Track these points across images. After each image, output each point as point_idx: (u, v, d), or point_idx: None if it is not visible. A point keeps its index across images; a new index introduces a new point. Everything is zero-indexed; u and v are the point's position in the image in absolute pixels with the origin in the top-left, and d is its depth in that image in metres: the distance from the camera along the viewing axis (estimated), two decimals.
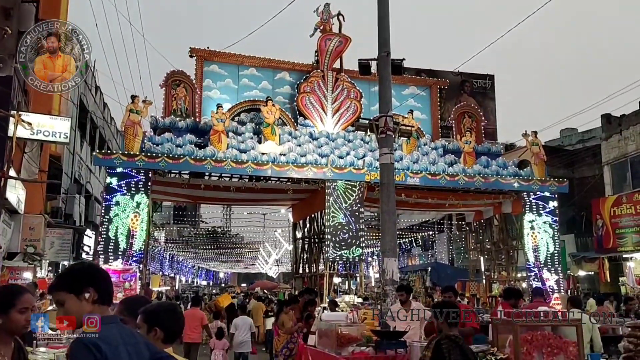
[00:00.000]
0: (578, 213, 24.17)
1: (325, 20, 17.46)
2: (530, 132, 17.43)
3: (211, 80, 17.01)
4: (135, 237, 13.51)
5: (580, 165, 25.19)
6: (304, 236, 20.25)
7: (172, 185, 15.93)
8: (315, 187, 16.32)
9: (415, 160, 16.39)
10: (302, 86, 17.14)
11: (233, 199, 18.90)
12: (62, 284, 2.57)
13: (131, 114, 13.86)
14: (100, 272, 2.67)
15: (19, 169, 12.07)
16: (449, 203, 17.77)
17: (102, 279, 2.61)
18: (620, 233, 20.57)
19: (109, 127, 26.01)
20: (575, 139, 33.43)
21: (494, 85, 31.28)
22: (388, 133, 10.23)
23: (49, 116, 11.97)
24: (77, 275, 2.58)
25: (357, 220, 15.49)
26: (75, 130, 18.26)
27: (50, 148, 15.59)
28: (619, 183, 21.85)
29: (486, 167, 16.97)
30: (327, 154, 15.65)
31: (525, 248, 16.98)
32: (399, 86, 18.51)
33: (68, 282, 2.55)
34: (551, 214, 17.02)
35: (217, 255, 46.04)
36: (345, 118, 17.21)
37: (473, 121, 18.42)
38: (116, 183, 13.63)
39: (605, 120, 22.82)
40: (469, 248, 22.74)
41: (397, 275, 9.80)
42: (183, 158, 14.07)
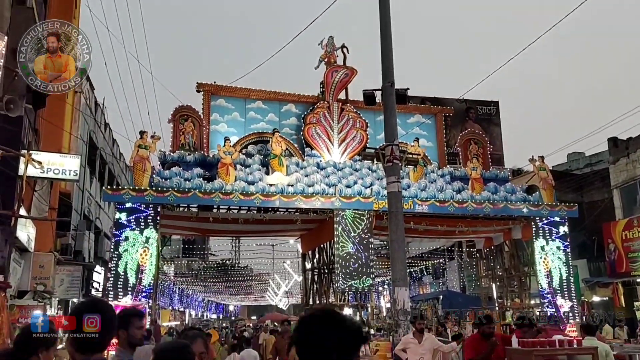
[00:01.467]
0: (589, 237, 23.92)
1: (329, 52, 17.74)
2: (537, 157, 17.42)
3: (218, 114, 17.23)
4: (144, 272, 13.51)
5: (589, 189, 25.04)
6: (313, 267, 20.14)
7: (181, 219, 15.99)
8: (324, 217, 16.32)
9: (423, 188, 16.38)
10: (308, 117, 17.30)
11: (242, 231, 18.92)
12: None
13: (140, 149, 14.02)
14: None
15: (29, 207, 12.16)
16: (458, 230, 17.69)
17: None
18: (632, 257, 20.29)
19: (118, 163, 26.25)
20: (583, 162, 33.32)
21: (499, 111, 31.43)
22: (395, 161, 10.29)
23: (59, 154, 12.09)
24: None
25: (366, 249, 15.41)
26: (85, 167, 18.45)
27: (60, 185, 15.72)
28: (629, 206, 21.66)
29: (494, 193, 16.93)
30: (335, 183, 15.69)
31: (537, 274, 16.78)
32: (404, 115, 18.65)
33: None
34: (562, 239, 16.86)
35: (227, 288, 45.77)
36: (352, 147, 17.31)
37: (479, 147, 18.46)
38: (125, 218, 13.70)
39: (612, 143, 22.78)
40: (480, 275, 22.49)
41: (408, 305, 9.72)
42: (191, 191, 14.15)
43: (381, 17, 10.75)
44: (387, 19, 10.74)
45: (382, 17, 10.75)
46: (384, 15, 10.75)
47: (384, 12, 10.76)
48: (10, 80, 9.02)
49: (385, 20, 10.73)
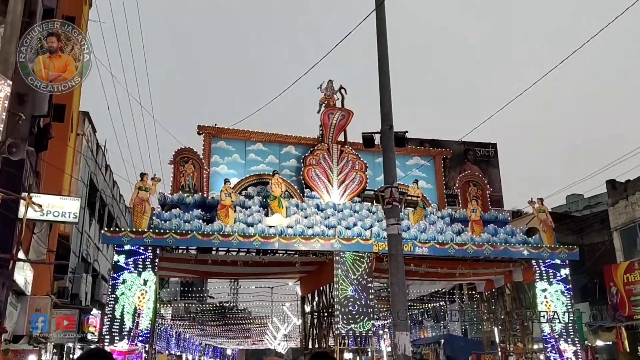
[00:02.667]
0: (591, 280, 23.72)
1: (329, 95, 18.00)
2: (537, 199, 17.47)
3: (219, 156, 17.35)
4: (141, 316, 13.33)
5: (589, 231, 24.98)
6: (312, 310, 19.87)
7: (180, 261, 15.89)
8: (323, 259, 16.22)
9: (423, 230, 16.35)
10: (307, 159, 17.42)
11: (240, 273, 18.74)
12: None
13: (140, 191, 14.07)
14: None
15: (28, 249, 12.11)
16: (458, 272, 17.57)
17: None
18: (635, 300, 20.06)
19: (118, 205, 26.26)
20: (582, 204, 33.34)
21: (497, 153, 31.69)
22: (394, 204, 10.30)
23: (59, 197, 12.15)
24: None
25: (366, 292, 15.26)
26: (85, 209, 18.45)
27: (59, 227, 15.71)
28: (630, 249, 21.56)
29: (494, 235, 16.89)
30: (334, 225, 15.66)
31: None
32: (403, 157, 18.78)
33: None
34: (564, 282, 16.73)
35: (225, 331, 44.97)
36: (351, 189, 17.36)
37: (478, 189, 18.52)
38: (124, 261, 13.62)
39: (610, 186, 22.86)
40: (482, 318, 22.17)
41: (409, 349, 9.56)
42: (191, 233, 14.12)
43: (380, 63, 10.97)
44: (385, 64, 10.95)
45: (380, 63, 10.97)
46: (382, 61, 10.97)
47: (382, 58, 10.98)
48: (14, 124, 9.12)
49: (384, 66, 10.94)
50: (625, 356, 20.63)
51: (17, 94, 9.72)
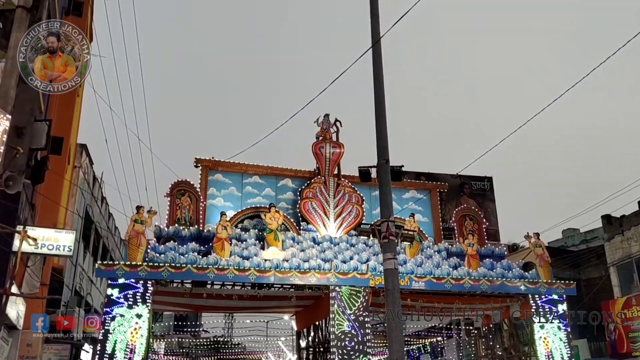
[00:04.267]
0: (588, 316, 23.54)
1: (325, 129, 18.16)
2: (533, 233, 17.47)
3: (215, 189, 17.36)
4: (134, 352, 13.11)
5: (586, 266, 24.92)
6: (308, 345, 19.61)
7: (174, 295, 15.72)
8: (319, 294, 16.09)
9: (420, 264, 16.28)
10: (304, 192, 17.45)
11: (235, 307, 18.55)
12: None
13: (135, 224, 14.01)
14: None
15: (21, 283, 11.98)
16: (455, 307, 17.43)
17: None
18: (633, 337, 19.90)
19: (113, 237, 26.11)
20: (578, 239, 33.34)
21: (492, 186, 31.86)
22: (391, 238, 10.30)
23: (54, 229, 12.06)
24: None
25: (362, 327, 15.08)
26: (79, 241, 18.34)
27: (53, 261, 15.56)
28: (627, 284, 21.49)
29: (491, 269, 16.83)
30: (331, 258, 15.59)
31: (538, 354, 16.36)
32: (399, 190, 18.85)
33: None
34: (561, 318, 16.60)
35: None
36: (348, 222, 17.34)
37: (474, 223, 18.52)
38: (117, 295, 13.46)
39: (606, 221, 22.91)
40: (480, 355, 21.88)
41: None
42: (186, 267, 14.00)
43: (376, 98, 11.12)
44: (381, 99, 11.10)
45: (376, 98, 11.11)
46: (378, 96, 11.12)
47: (379, 93, 11.14)
48: (11, 157, 9.16)
49: (380, 101, 11.08)
50: None
51: (16, 127, 9.79)
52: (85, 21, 16.52)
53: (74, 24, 10.16)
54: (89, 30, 16.72)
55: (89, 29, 16.73)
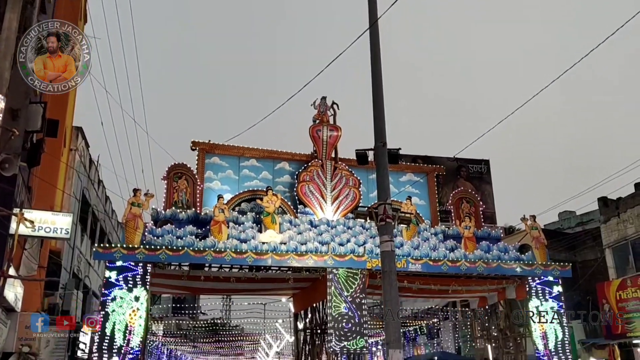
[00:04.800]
0: (584, 297, 23.73)
1: (322, 112, 18.09)
2: (529, 216, 17.54)
3: (212, 172, 17.34)
4: (132, 333, 13.21)
5: (582, 248, 25.05)
6: (305, 327, 19.77)
7: (172, 277, 15.80)
8: (316, 276, 16.18)
9: (416, 247, 16.36)
10: (301, 175, 17.45)
11: (233, 290, 18.66)
12: None
13: (132, 207, 14.02)
14: None
15: (18, 265, 11.99)
16: (452, 289, 17.56)
17: None
18: (628, 318, 20.07)
19: (110, 220, 26.10)
20: (574, 222, 33.48)
21: (489, 169, 31.88)
22: (387, 220, 10.32)
23: (51, 212, 12.04)
24: None
25: (359, 309, 15.20)
26: (77, 224, 18.33)
27: (51, 243, 15.55)
28: (622, 266, 21.62)
29: (487, 252, 16.92)
30: (328, 241, 15.65)
31: (533, 335, 16.54)
32: (396, 173, 18.86)
33: None
34: (557, 299, 16.75)
35: (217, 348, 44.56)
36: (345, 205, 17.37)
37: (471, 206, 18.56)
38: (115, 277, 13.53)
39: (602, 203, 22.97)
40: (475, 336, 22.12)
41: None
42: (183, 250, 14.06)
43: (373, 80, 11.06)
44: (378, 81, 11.05)
45: (374, 80, 11.06)
46: (375, 78, 11.06)
47: (376, 75, 11.08)
48: (7, 139, 9.10)
49: (377, 83, 11.03)
50: None
51: (11, 109, 9.72)
52: (80, 2, 16.31)
53: (68, 5, 10.06)
54: (83, 11, 16.52)
55: (83, 10, 16.52)
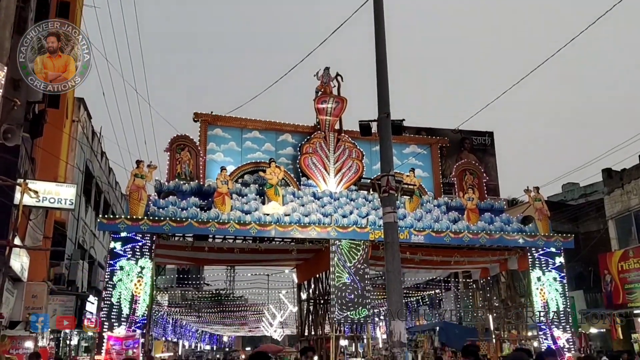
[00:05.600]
0: (585, 268, 23.87)
1: (325, 83, 17.91)
2: (533, 187, 17.51)
3: (215, 144, 17.30)
4: (138, 303, 13.38)
5: (585, 219, 25.08)
6: (309, 297, 19.97)
7: (176, 248, 15.91)
8: (320, 247, 16.27)
9: (419, 218, 16.38)
10: (304, 147, 17.38)
11: (237, 260, 18.81)
12: None
13: (136, 178, 14.03)
14: None
15: (24, 236, 12.10)
16: (454, 260, 17.63)
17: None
18: (629, 288, 20.22)
19: (114, 192, 26.20)
20: (578, 193, 33.44)
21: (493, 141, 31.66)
22: (390, 192, 10.30)
23: (55, 183, 12.11)
24: None
25: (362, 280, 15.33)
26: (81, 195, 18.41)
27: (55, 214, 15.67)
28: (625, 237, 21.68)
29: (490, 223, 16.93)
30: (331, 213, 15.68)
31: (534, 305, 16.68)
32: (400, 145, 18.78)
33: None
34: (558, 270, 16.83)
35: (221, 318, 45.20)
36: (348, 177, 17.35)
37: (475, 178, 18.50)
38: (120, 248, 13.63)
39: (606, 174, 22.92)
40: (477, 306, 22.33)
41: (405, 336, 9.62)
42: (187, 221, 14.12)
43: (377, 51, 10.91)
44: (382, 52, 10.90)
45: (378, 51, 10.91)
46: (379, 48, 10.91)
47: (380, 45, 10.93)
48: (9, 109, 9.08)
49: (381, 54, 10.88)
50: (619, 343, 20.84)
51: (12, 79, 9.67)
52: None
53: None
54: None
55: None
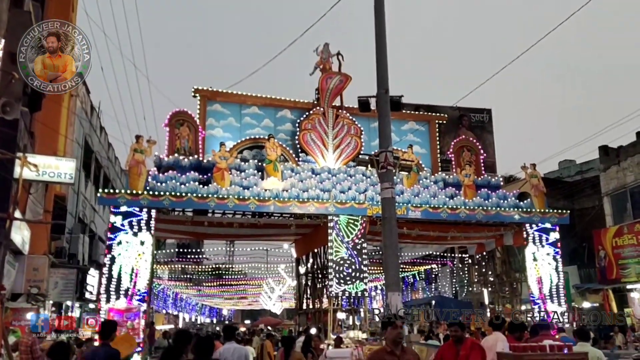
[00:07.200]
0: (580, 244, 24.14)
1: (325, 59, 17.85)
2: (529, 164, 17.61)
3: (214, 119, 17.31)
4: (139, 276, 13.56)
5: (580, 196, 25.26)
6: (307, 272, 20.22)
7: (176, 223, 16.05)
8: (318, 222, 16.42)
9: (416, 194, 16.51)
10: (303, 123, 17.41)
11: (236, 235, 18.99)
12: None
13: (135, 153, 14.09)
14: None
15: (24, 209, 12.21)
16: (450, 236, 17.82)
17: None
18: (623, 264, 20.50)
19: (114, 167, 26.27)
20: (574, 170, 33.60)
21: (491, 118, 31.72)
22: (389, 168, 10.39)
23: (54, 157, 12.18)
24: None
25: (360, 254, 15.53)
26: (80, 170, 18.48)
27: (55, 188, 15.76)
28: (620, 214, 21.88)
29: (486, 199, 17.08)
30: (329, 189, 15.80)
31: (528, 280, 16.94)
32: (398, 122, 18.81)
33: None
34: (553, 246, 17.04)
35: (221, 292, 45.68)
36: (346, 154, 17.41)
37: (472, 155, 18.58)
38: (120, 222, 13.76)
39: (602, 151, 23.02)
40: (472, 281, 22.66)
41: (401, 310, 9.81)
42: (186, 196, 14.23)
43: (376, 27, 10.88)
44: (382, 28, 10.86)
45: (377, 27, 10.88)
46: (379, 25, 10.88)
47: (379, 22, 10.89)
48: (7, 83, 9.09)
49: (380, 30, 10.85)
50: (612, 318, 21.19)
51: (10, 52, 9.65)
52: None
53: None
54: None
55: None
